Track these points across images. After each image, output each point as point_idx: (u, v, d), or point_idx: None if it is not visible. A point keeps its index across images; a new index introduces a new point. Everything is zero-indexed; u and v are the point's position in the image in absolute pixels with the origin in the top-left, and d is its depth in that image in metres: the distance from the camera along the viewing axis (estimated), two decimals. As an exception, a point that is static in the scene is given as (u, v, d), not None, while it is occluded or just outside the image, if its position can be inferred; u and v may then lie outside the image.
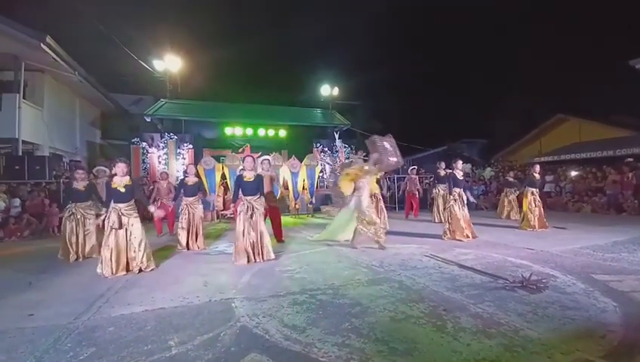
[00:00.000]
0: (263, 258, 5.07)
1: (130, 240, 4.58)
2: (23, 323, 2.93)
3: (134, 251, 4.57)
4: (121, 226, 4.56)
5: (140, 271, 4.55)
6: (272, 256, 5.16)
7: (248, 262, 4.95)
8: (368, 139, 6.11)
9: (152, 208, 5.46)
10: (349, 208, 6.00)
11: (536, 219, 7.53)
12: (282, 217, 6.99)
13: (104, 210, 4.85)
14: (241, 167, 5.55)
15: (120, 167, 4.75)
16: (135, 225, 4.65)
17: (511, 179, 10.51)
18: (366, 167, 5.99)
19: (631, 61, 12.01)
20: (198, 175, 6.64)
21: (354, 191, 5.95)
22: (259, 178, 5.31)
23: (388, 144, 5.89)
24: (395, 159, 5.92)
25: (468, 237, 6.44)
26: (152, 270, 4.64)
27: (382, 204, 8.00)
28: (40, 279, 4.35)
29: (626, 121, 15.81)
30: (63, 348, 2.45)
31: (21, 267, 5.11)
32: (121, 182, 4.69)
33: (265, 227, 5.24)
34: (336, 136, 6.84)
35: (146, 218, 10.70)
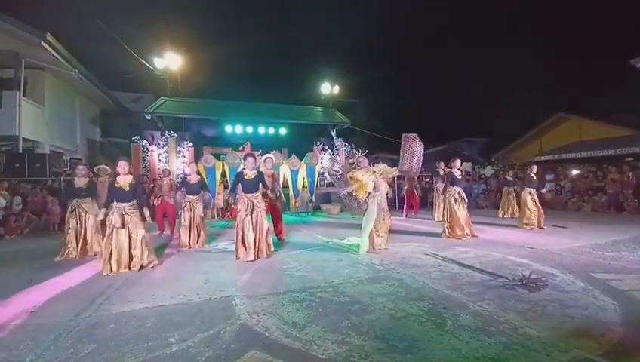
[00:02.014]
0: (263, 254, 5.09)
1: (132, 237, 4.60)
2: (24, 320, 2.95)
3: (136, 248, 4.59)
4: (123, 225, 4.57)
5: (142, 267, 4.57)
6: (272, 250, 5.20)
7: (249, 258, 4.96)
8: (406, 134, 5.88)
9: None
10: (370, 211, 5.38)
11: (534, 218, 7.55)
12: (282, 215, 6.98)
13: (102, 210, 4.83)
14: (242, 166, 5.54)
15: (122, 165, 4.76)
16: (137, 223, 4.68)
17: (510, 178, 10.53)
18: (376, 170, 5.54)
19: (632, 60, 12.01)
20: (199, 173, 6.64)
21: (369, 194, 5.41)
22: (259, 175, 5.32)
23: (417, 151, 5.79)
24: (412, 166, 5.82)
25: (467, 236, 6.45)
26: (153, 266, 4.67)
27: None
28: (41, 276, 4.36)
29: (627, 119, 15.79)
30: (64, 344, 2.46)
31: (22, 264, 5.13)
32: (124, 181, 4.71)
33: (266, 223, 5.25)
34: (334, 135, 6.67)
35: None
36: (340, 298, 3.31)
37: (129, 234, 4.59)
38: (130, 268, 4.51)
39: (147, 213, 5.05)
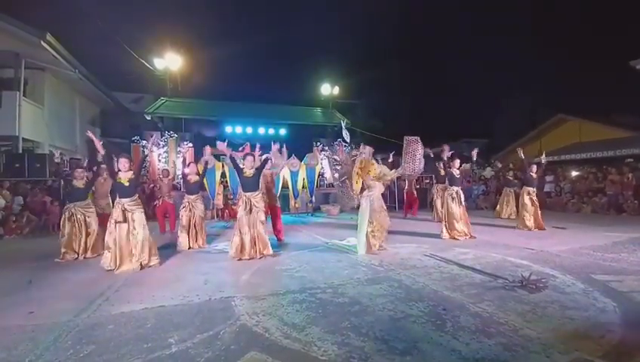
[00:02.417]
0: (260, 254, 5.08)
1: (133, 234, 4.60)
2: (24, 320, 2.94)
3: (136, 246, 4.59)
4: (125, 220, 4.58)
5: (142, 266, 4.58)
6: (271, 252, 5.20)
7: (246, 258, 4.96)
8: (408, 137, 5.66)
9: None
10: (363, 211, 5.43)
11: (532, 218, 7.54)
12: (282, 216, 6.98)
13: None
14: (242, 165, 5.52)
15: (122, 162, 4.80)
16: (138, 220, 4.68)
17: (510, 178, 10.55)
18: (379, 168, 5.55)
19: (632, 62, 12.00)
20: (199, 173, 6.64)
21: (363, 191, 5.49)
22: (258, 173, 5.32)
23: (419, 154, 5.61)
24: (415, 168, 5.67)
25: (466, 235, 6.45)
26: (154, 265, 4.68)
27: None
28: (40, 277, 4.36)
29: (627, 121, 15.80)
30: (63, 345, 2.46)
31: (21, 265, 5.12)
32: (125, 176, 4.75)
33: (264, 223, 5.25)
34: (343, 124, 6.61)
35: (148, 216, 10.73)
36: (339, 299, 3.30)
37: (129, 230, 4.59)
38: (131, 265, 4.51)
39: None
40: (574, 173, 13.30)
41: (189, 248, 6.07)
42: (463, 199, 6.63)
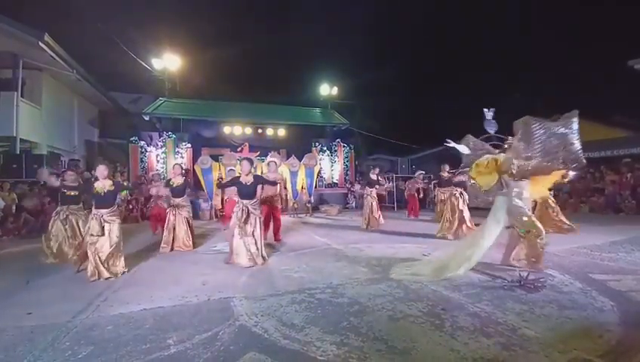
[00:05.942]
0: (255, 261, 4.89)
1: (110, 246, 4.40)
2: (22, 321, 2.93)
3: (110, 257, 4.40)
4: (103, 233, 4.37)
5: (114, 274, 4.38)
6: (263, 261, 4.95)
7: (242, 264, 4.90)
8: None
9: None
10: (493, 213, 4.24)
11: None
12: (281, 216, 6.98)
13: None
14: (237, 170, 5.42)
15: (100, 170, 4.54)
16: (114, 231, 4.47)
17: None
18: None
19: (630, 61, 12.05)
20: (185, 175, 6.48)
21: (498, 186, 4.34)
22: (257, 180, 5.26)
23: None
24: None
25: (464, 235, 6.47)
26: (123, 273, 4.45)
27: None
28: (38, 278, 4.34)
29: (625, 121, 15.85)
30: (61, 346, 2.45)
31: (19, 266, 5.09)
32: (102, 186, 4.48)
33: (260, 230, 5.16)
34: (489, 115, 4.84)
35: (144, 217, 10.70)
36: (338, 299, 3.30)
37: (109, 241, 4.41)
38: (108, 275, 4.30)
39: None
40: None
41: (172, 250, 5.87)
42: (466, 200, 6.65)
